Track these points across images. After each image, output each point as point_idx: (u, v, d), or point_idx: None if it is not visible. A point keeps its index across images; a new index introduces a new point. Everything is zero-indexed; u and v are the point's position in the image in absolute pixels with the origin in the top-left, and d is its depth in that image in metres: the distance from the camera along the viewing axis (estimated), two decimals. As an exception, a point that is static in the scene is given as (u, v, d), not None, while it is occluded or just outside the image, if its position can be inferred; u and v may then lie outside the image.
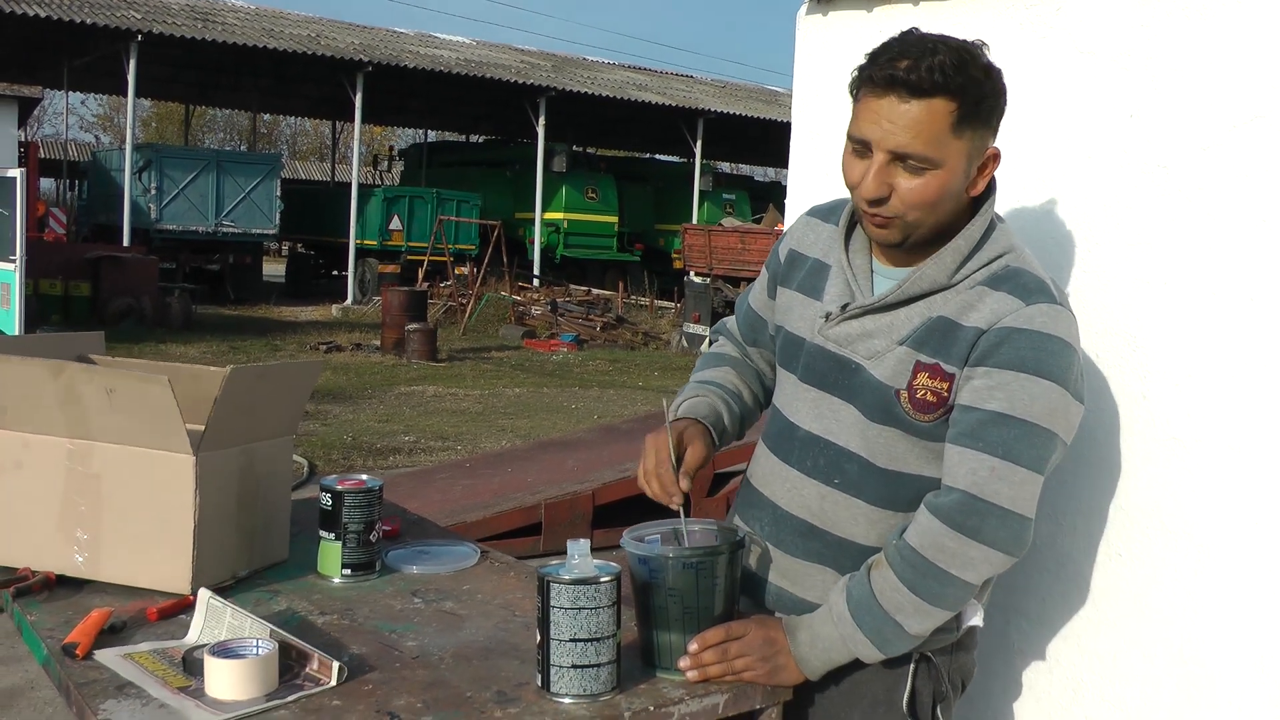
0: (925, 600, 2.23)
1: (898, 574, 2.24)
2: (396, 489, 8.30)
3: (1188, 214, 2.57)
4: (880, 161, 2.23)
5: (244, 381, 2.56)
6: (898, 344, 2.32)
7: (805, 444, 2.46)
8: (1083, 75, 2.76)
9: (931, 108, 2.17)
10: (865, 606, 2.26)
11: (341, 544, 2.69)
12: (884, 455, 2.36)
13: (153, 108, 64.04)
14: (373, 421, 14.15)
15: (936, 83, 2.15)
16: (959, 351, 2.26)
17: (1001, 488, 2.20)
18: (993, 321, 2.24)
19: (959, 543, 2.20)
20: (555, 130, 37.30)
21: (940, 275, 2.31)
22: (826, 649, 2.28)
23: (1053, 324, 2.24)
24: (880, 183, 2.24)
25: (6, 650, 5.00)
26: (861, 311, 2.37)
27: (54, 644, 2.25)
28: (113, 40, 29.43)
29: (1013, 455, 2.20)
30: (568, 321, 26.00)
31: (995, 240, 2.34)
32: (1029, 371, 2.20)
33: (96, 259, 24.40)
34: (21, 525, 2.63)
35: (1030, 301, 2.24)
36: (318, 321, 27.31)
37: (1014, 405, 2.20)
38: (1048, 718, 2.83)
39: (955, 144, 2.20)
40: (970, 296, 2.29)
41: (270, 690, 2.06)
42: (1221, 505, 2.52)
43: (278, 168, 33.34)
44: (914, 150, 2.19)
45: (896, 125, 2.19)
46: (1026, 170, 2.86)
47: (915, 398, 2.29)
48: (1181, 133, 2.59)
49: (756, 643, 2.24)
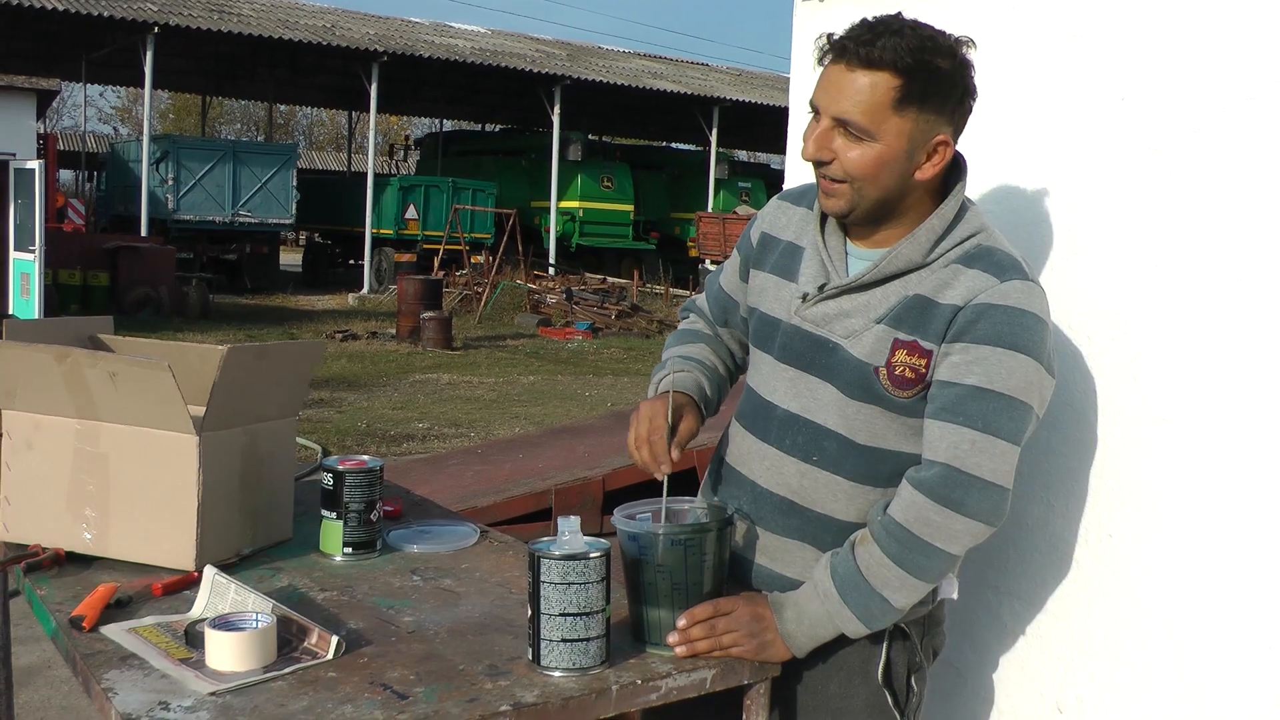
0: (911, 574, 2.28)
1: (883, 549, 2.28)
2: (409, 475, 8.34)
3: (1178, 196, 2.59)
4: (825, 126, 2.32)
5: (242, 361, 2.61)
6: (875, 322, 2.36)
7: (784, 423, 2.49)
8: (1074, 58, 2.79)
9: (875, 80, 2.25)
10: (851, 583, 2.30)
11: (343, 523, 2.74)
12: (864, 432, 2.40)
13: (170, 99, 64.11)
14: (387, 409, 14.20)
15: (882, 58, 2.23)
16: (936, 329, 2.31)
17: (983, 460, 2.24)
18: (968, 298, 2.29)
19: (943, 516, 2.25)
20: (571, 119, 37.31)
21: (915, 254, 2.35)
22: (813, 625, 2.33)
23: (1026, 300, 2.29)
24: (820, 146, 2.32)
25: (25, 630, 5.06)
26: (838, 291, 2.41)
27: (62, 617, 2.31)
28: (130, 33, 29.53)
29: (992, 428, 2.25)
30: (583, 310, 26.01)
31: (967, 221, 2.39)
32: (1005, 346, 2.25)
33: (114, 249, 24.50)
34: (32, 503, 2.69)
35: (1004, 278, 2.30)
36: (334, 310, 27.37)
37: (992, 379, 2.25)
38: (1039, 696, 2.86)
39: (895, 120, 2.27)
40: (945, 275, 2.33)
41: (268, 662, 2.11)
42: (1211, 486, 2.54)
43: (294, 158, 33.40)
44: (851, 117, 2.27)
45: (841, 92, 2.28)
46: (1018, 153, 2.89)
47: (894, 374, 2.33)
48: (1172, 115, 2.61)
49: (744, 619, 2.29)
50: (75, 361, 2.56)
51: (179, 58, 34.54)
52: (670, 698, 2.19)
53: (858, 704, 2.45)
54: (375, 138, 35.21)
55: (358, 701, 1.98)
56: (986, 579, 2.93)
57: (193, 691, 2.00)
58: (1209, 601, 2.56)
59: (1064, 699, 2.81)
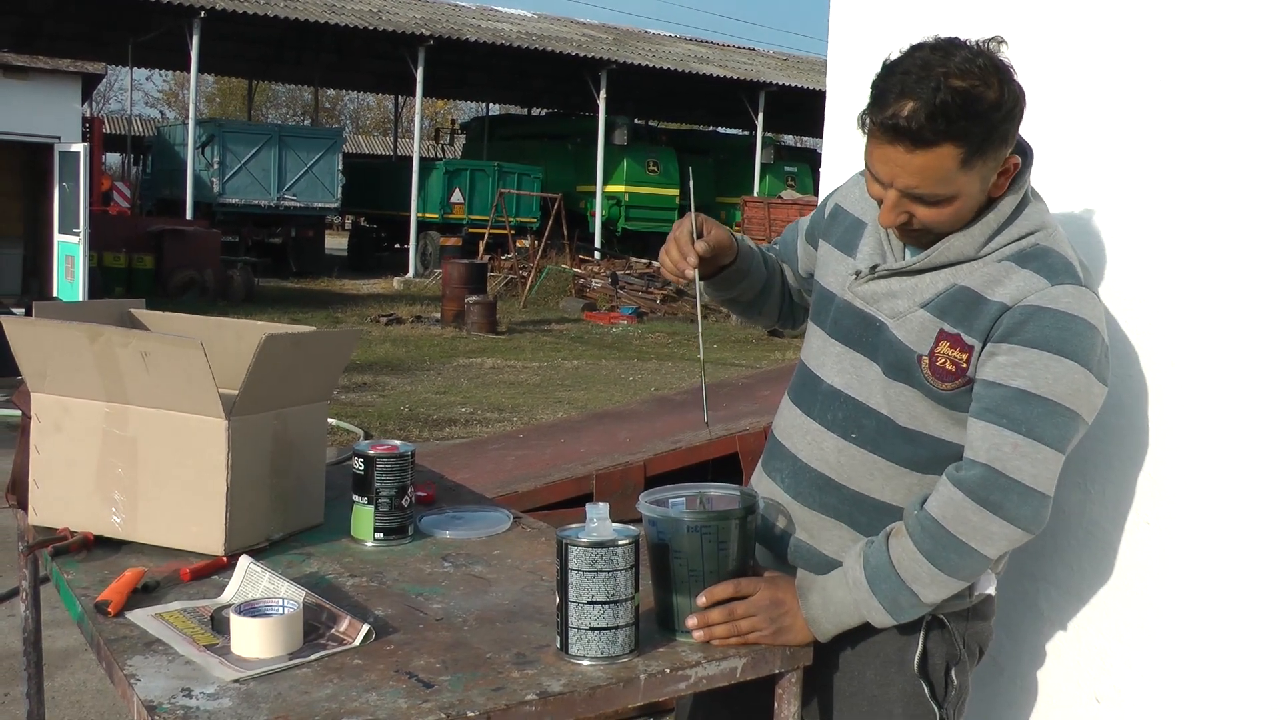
0: (942, 571, 2.26)
1: (916, 544, 2.26)
2: (450, 459, 8.34)
3: (1223, 181, 2.55)
4: (894, 196, 2.28)
5: (278, 349, 2.59)
6: (920, 306, 2.35)
7: (828, 398, 2.49)
8: (1104, 38, 2.75)
9: (937, 155, 2.19)
10: (882, 574, 2.29)
11: (374, 508, 2.72)
12: (905, 414, 2.39)
13: (216, 83, 64.33)
14: (430, 393, 14.23)
15: (940, 132, 2.16)
16: (981, 325, 2.29)
17: (1024, 465, 2.22)
18: (1017, 299, 2.26)
19: (980, 516, 2.23)
20: (616, 103, 37.21)
21: (968, 247, 2.33)
22: (838, 612, 2.31)
23: (1077, 305, 2.26)
24: (897, 214, 2.30)
25: (62, 613, 5.06)
26: (889, 273, 2.41)
27: (88, 602, 2.30)
28: (176, 16, 29.62)
29: (1035, 433, 2.22)
30: (628, 294, 25.98)
31: (1027, 217, 2.36)
32: (1053, 351, 2.23)
33: (159, 232, 24.66)
34: (61, 487, 2.68)
35: (1056, 281, 2.27)
36: (379, 294, 27.45)
37: (1037, 384, 2.22)
38: (1076, 687, 2.82)
39: (965, 176, 2.23)
40: (997, 271, 2.31)
41: (294, 649, 2.10)
42: (1251, 474, 2.50)
43: (339, 142, 33.50)
44: (925, 191, 2.24)
45: (905, 171, 2.22)
46: (1051, 137, 2.85)
47: (935, 365, 2.32)
48: (1207, 99, 2.57)
49: (763, 603, 2.27)
50: (108, 340, 2.55)
51: (225, 41, 34.66)
52: (699, 687, 2.17)
53: (894, 693, 2.44)
54: (421, 122, 35.23)
55: (382, 689, 1.97)
56: (1024, 567, 2.89)
57: (216, 678, 1.99)
58: (1248, 590, 2.52)
59: (1102, 689, 2.77)
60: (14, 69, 19.78)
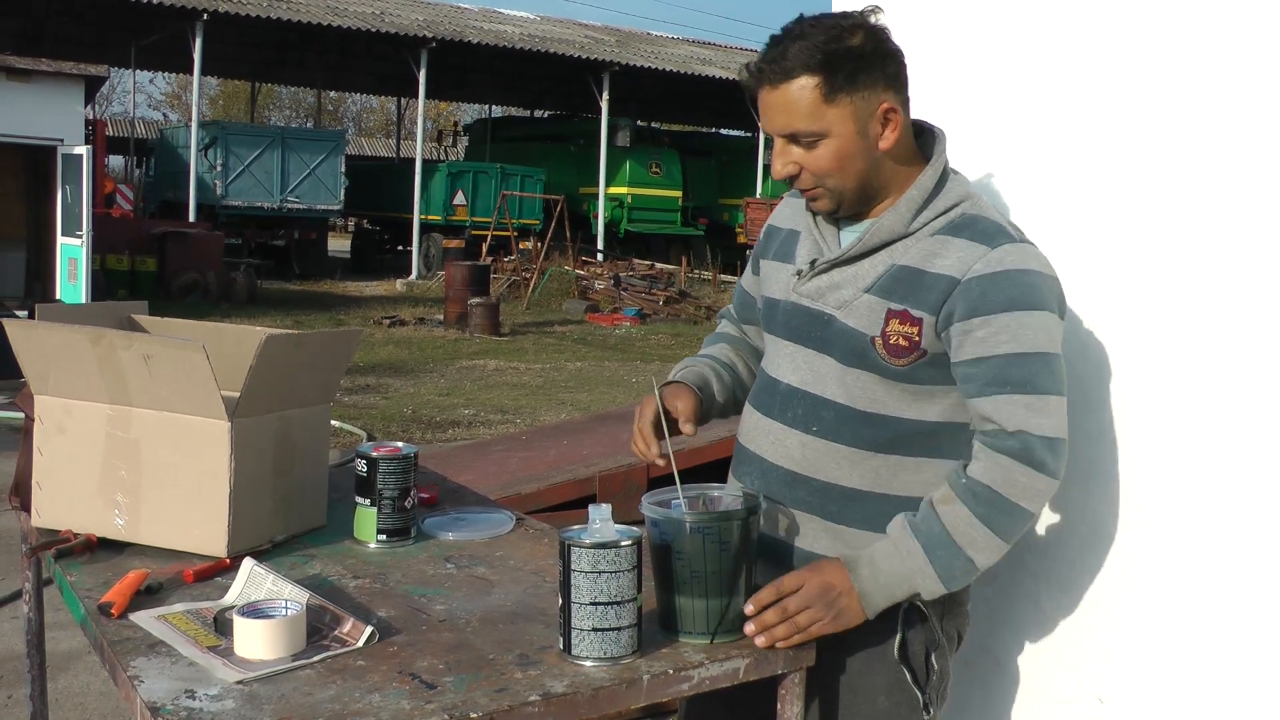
0: (996, 534, 2.35)
1: (971, 509, 2.34)
2: (453, 461, 8.34)
3: (1218, 179, 2.54)
4: (778, 146, 2.46)
5: (279, 350, 2.59)
6: (864, 292, 2.46)
7: (786, 397, 2.58)
8: (1114, 36, 2.74)
9: (795, 88, 2.36)
10: (938, 541, 2.35)
11: (377, 510, 2.73)
12: (863, 399, 2.48)
13: (219, 86, 64.41)
14: (433, 395, 14.24)
15: (791, 66, 2.35)
16: (927, 297, 2.39)
17: (1044, 420, 2.33)
18: (963, 270, 2.37)
19: (1029, 476, 2.33)
20: (619, 105, 37.22)
21: (897, 225, 2.45)
22: (889, 583, 2.36)
23: (1022, 259, 2.38)
24: (784, 162, 2.46)
25: (65, 615, 5.07)
26: (828, 265, 2.52)
27: (91, 604, 2.30)
28: (179, 19, 29.63)
29: (1040, 388, 2.34)
30: (631, 296, 25.99)
31: (950, 190, 2.49)
32: (1021, 308, 2.35)
33: (162, 234, 24.66)
34: (64, 489, 2.68)
35: (994, 245, 2.39)
36: (382, 296, 27.46)
37: (1021, 343, 2.34)
38: (1079, 686, 2.82)
39: (833, 111, 2.37)
40: (932, 244, 2.43)
41: (297, 651, 2.10)
42: (1254, 473, 2.50)
43: (342, 144, 33.51)
44: (796, 128, 2.40)
45: (776, 111, 2.40)
46: (1054, 137, 2.85)
47: (889, 344, 2.42)
48: (1214, 99, 2.56)
49: (815, 593, 2.30)
50: (110, 343, 2.55)
51: (228, 44, 34.70)
52: (702, 688, 2.17)
53: (877, 681, 2.51)
54: (424, 124, 35.26)
55: (385, 691, 1.97)
56: (1026, 566, 2.89)
57: (219, 680, 1.99)
58: (1251, 589, 2.52)
59: (1105, 688, 2.77)
60: (17, 71, 19.79)
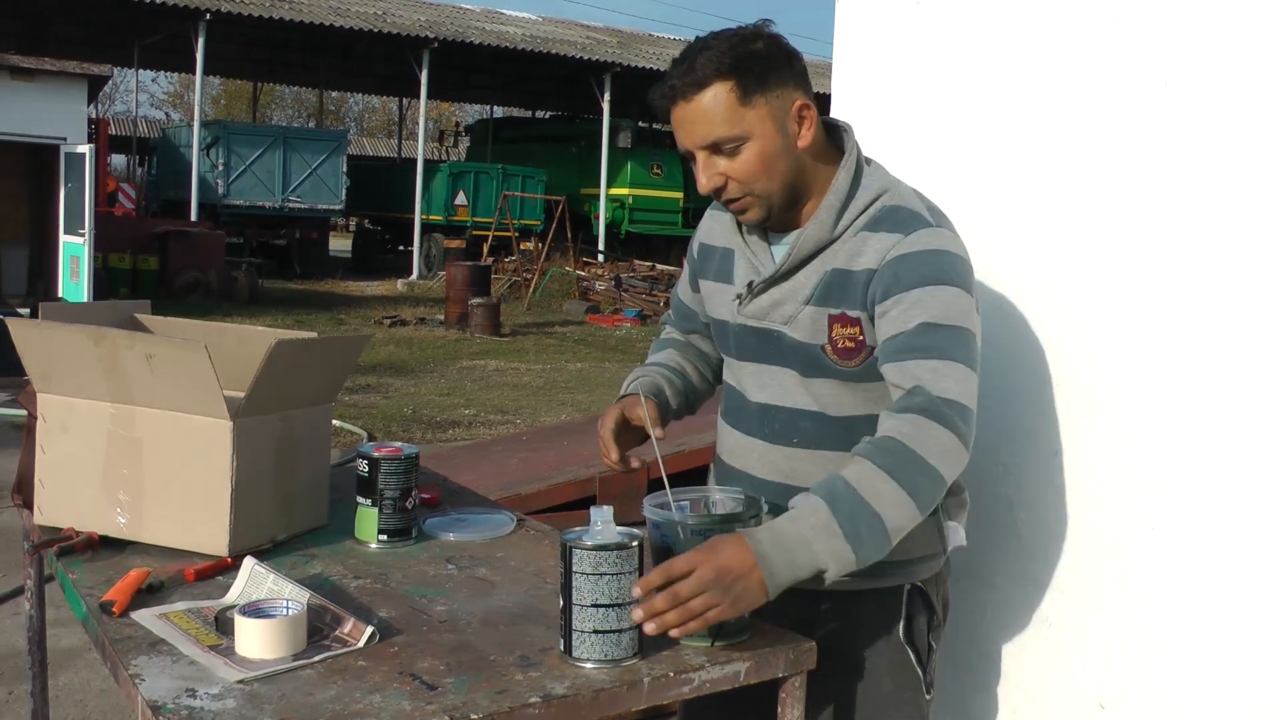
0: (905, 489, 2.19)
1: (875, 462, 2.21)
2: (453, 461, 8.33)
3: (1224, 183, 2.54)
4: (701, 159, 2.44)
5: (288, 355, 2.60)
6: (804, 304, 2.46)
7: (759, 414, 2.59)
8: (1117, 43, 2.74)
9: (710, 95, 2.37)
10: (841, 495, 2.18)
11: (378, 510, 2.72)
12: (833, 405, 2.49)
13: (222, 85, 64.40)
14: (434, 395, 14.23)
15: (703, 75, 2.36)
16: (857, 295, 2.41)
17: (950, 384, 2.29)
18: (880, 260, 2.38)
19: (935, 430, 2.24)
20: (620, 106, 37.20)
21: (822, 233, 2.46)
22: (792, 548, 2.15)
23: (936, 241, 2.40)
24: (709, 175, 2.44)
25: (66, 612, 5.07)
26: (765, 285, 2.52)
27: (92, 602, 2.30)
28: (182, 19, 29.66)
29: (949, 354, 2.31)
30: (631, 297, 25.99)
31: (866, 186, 2.48)
32: (932, 283, 2.35)
33: (164, 233, 24.69)
34: (66, 487, 2.68)
35: (909, 231, 2.39)
36: (383, 296, 27.45)
37: (932, 314, 2.33)
38: (1081, 692, 2.82)
39: (751, 113, 2.38)
40: (856, 244, 2.44)
41: (298, 650, 2.10)
42: (1256, 478, 2.50)
43: (344, 144, 33.53)
44: (716, 135, 2.39)
45: (695, 122, 2.40)
46: (1059, 139, 2.85)
47: (837, 348, 2.44)
48: (1217, 101, 2.56)
49: (709, 577, 2.10)
50: (113, 343, 2.55)
51: (231, 44, 34.67)
52: (703, 690, 2.16)
53: (883, 663, 2.52)
54: (425, 124, 35.26)
55: (386, 691, 1.97)
56: (1028, 572, 2.89)
57: (220, 679, 1.99)
58: (1253, 596, 2.51)
59: (1106, 695, 2.77)
60: (21, 71, 19.80)
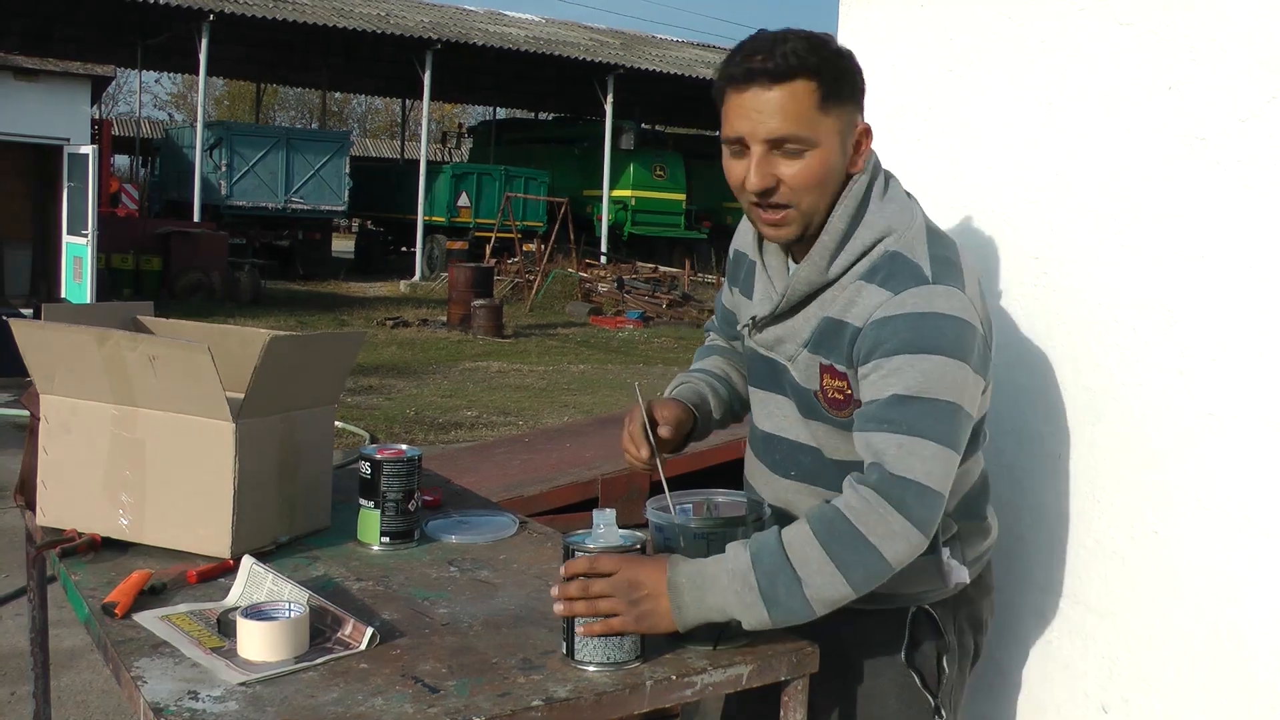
0: (834, 562, 2.13)
1: (814, 529, 2.16)
2: (455, 463, 8.33)
3: (1226, 187, 2.54)
4: (759, 153, 2.27)
5: (283, 351, 2.59)
6: (803, 347, 2.39)
7: (766, 442, 2.56)
8: (1121, 47, 2.74)
9: (795, 89, 2.23)
10: (769, 551, 2.16)
11: (380, 512, 2.72)
12: (829, 446, 2.41)
13: (225, 86, 64.52)
14: (436, 396, 14.24)
15: (793, 66, 2.22)
16: (844, 351, 2.30)
17: (914, 463, 2.16)
18: (866, 319, 2.26)
19: (885, 513, 2.13)
20: (623, 108, 37.27)
21: (814, 274, 2.34)
22: (704, 586, 2.15)
23: (926, 303, 2.23)
24: (764, 173, 2.27)
25: (68, 613, 5.07)
26: (768, 321, 2.45)
27: (94, 603, 2.30)
28: (185, 20, 29.71)
29: (918, 430, 2.17)
30: (634, 298, 26.01)
31: (869, 225, 2.34)
32: (912, 351, 2.20)
33: (167, 234, 24.70)
34: (69, 488, 2.68)
35: (899, 290, 2.25)
36: (385, 297, 27.47)
37: (909, 385, 2.19)
38: (1084, 696, 2.82)
39: (825, 121, 2.25)
40: (851, 292, 2.32)
41: (300, 653, 2.10)
42: (1259, 483, 2.49)
43: (346, 145, 33.55)
44: (788, 132, 2.24)
45: (765, 113, 2.24)
46: (1063, 143, 2.85)
47: (828, 398, 2.36)
48: (1220, 105, 2.56)
49: (621, 584, 2.12)
50: (116, 344, 2.55)
51: (234, 45, 34.69)
52: (705, 694, 2.17)
53: (886, 683, 2.47)
54: (428, 125, 35.27)
55: (388, 694, 1.97)
56: (1031, 576, 2.89)
57: (222, 681, 1.98)
58: (1257, 601, 2.51)
59: (1109, 699, 2.77)
60: (24, 71, 19.82)
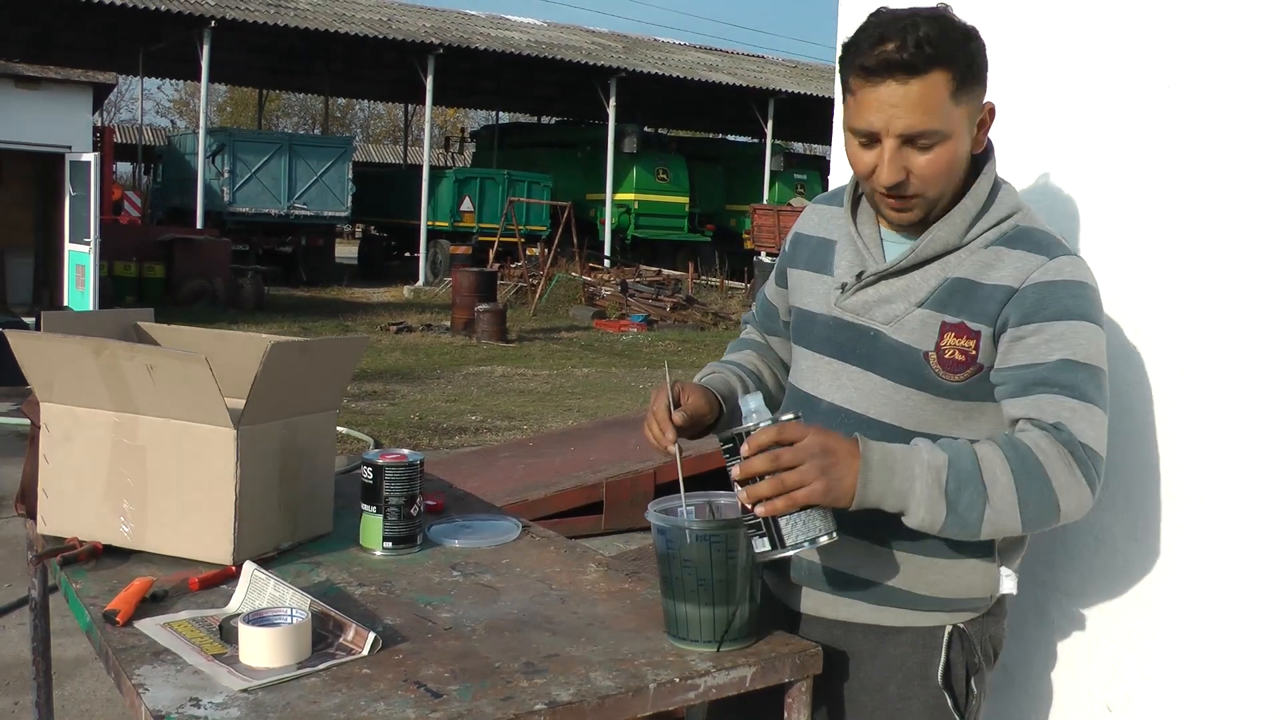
0: (1018, 494, 2.16)
1: (1005, 455, 2.17)
2: (459, 468, 8.35)
3: (1228, 185, 2.54)
4: (892, 147, 2.24)
5: (285, 357, 2.59)
6: (917, 306, 2.34)
7: (829, 416, 2.43)
8: (1121, 46, 2.74)
9: (931, 82, 2.19)
10: (963, 459, 2.17)
11: (382, 517, 2.72)
12: (912, 418, 2.36)
13: (227, 93, 64.64)
14: (440, 401, 14.23)
15: (929, 56, 2.16)
16: (985, 309, 2.29)
17: (1085, 428, 2.21)
18: (1021, 279, 2.27)
19: (1069, 462, 2.17)
20: (626, 111, 37.28)
21: (952, 236, 2.34)
22: (890, 470, 2.15)
23: (1078, 272, 2.30)
24: (896, 168, 2.25)
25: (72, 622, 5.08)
26: (876, 278, 2.39)
27: (96, 611, 2.30)
28: (187, 26, 29.77)
29: (1088, 396, 2.22)
30: (638, 302, 25.99)
31: (1002, 201, 2.38)
32: (1076, 318, 2.25)
33: (170, 241, 24.71)
34: (70, 496, 2.68)
35: (1052, 255, 2.29)
36: (389, 303, 27.48)
37: (1075, 351, 2.23)
38: (1088, 695, 2.81)
39: (957, 111, 2.23)
40: (987, 256, 2.32)
41: (302, 658, 2.09)
42: (1262, 480, 2.49)
43: (349, 151, 33.55)
44: (924, 127, 2.21)
45: (901, 106, 2.20)
46: (1064, 141, 2.84)
47: (944, 358, 2.31)
48: (1221, 101, 2.56)
49: (814, 449, 2.09)
50: (112, 354, 2.55)
51: (236, 51, 34.74)
52: (709, 696, 2.16)
53: (917, 706, 2.41)
54: (431, 130, 35.29)
55: (391, 699, 1.96)
56: (1034, 575, 2.88)
57: (224, 688, 1.98)
58: (1261, 598, 2.50)
59: (1113, 698, 2.76)
60: (26, 79, 19.82)
